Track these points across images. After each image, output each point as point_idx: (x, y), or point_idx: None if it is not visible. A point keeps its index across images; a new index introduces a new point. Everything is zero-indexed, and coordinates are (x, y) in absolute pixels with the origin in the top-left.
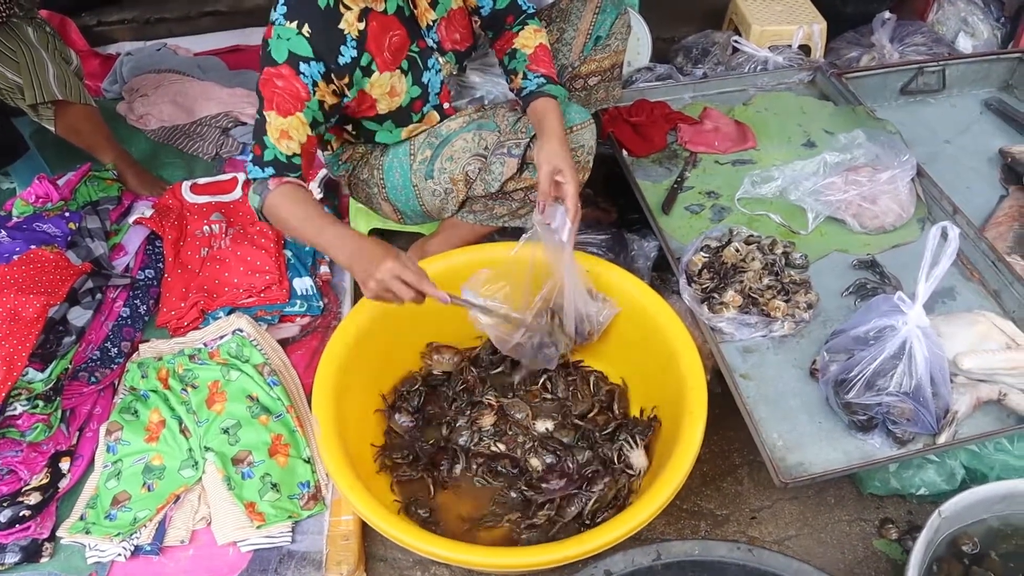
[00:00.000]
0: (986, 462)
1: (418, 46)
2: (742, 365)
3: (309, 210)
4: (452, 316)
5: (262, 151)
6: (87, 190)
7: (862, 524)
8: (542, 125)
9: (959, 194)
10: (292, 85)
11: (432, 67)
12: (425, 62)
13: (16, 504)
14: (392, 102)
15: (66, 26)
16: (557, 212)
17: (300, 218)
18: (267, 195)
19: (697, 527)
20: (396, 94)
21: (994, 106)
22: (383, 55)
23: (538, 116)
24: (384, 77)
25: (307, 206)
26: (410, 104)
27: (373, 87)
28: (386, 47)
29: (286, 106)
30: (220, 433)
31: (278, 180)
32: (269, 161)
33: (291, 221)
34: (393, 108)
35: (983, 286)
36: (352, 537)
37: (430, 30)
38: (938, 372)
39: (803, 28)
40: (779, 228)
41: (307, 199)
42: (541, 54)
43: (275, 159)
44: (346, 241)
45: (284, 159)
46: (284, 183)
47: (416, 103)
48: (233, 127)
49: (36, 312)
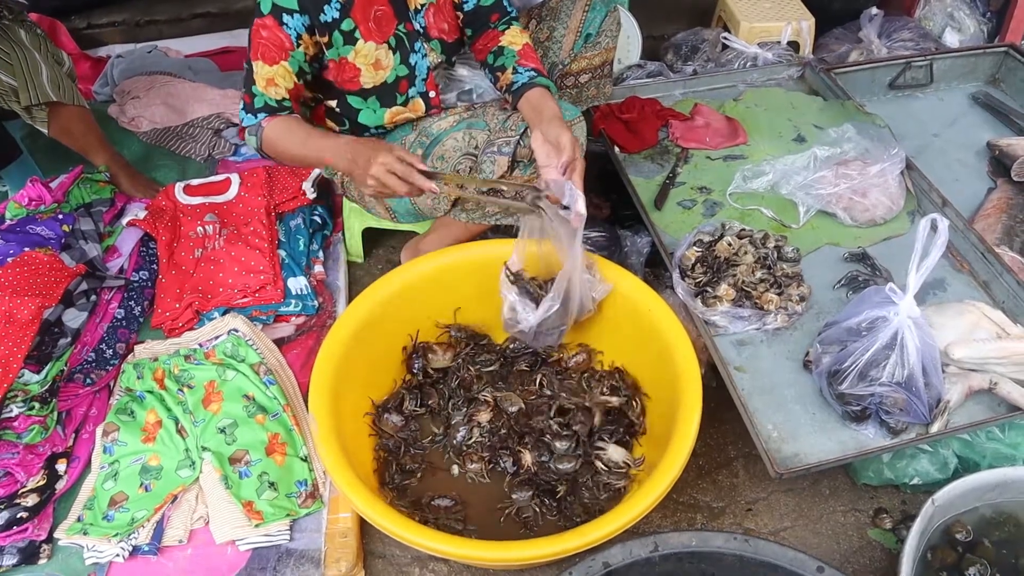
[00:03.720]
0: (978, 451)
1: (405, 28)
2: (736, 358)
3: (303, 134)
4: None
5: (251, 99)
6: (80, 192)
7: (857, 514)
8: (540, 110)
9: (948, 187)
10: (276, 35)
11: (419, 51)
12: (412, 44)
13: (13, 506)
14: (377, 75)
15: (56, 29)
16: (565, 188)
17: (298, 144)
18: (261, 132)
19: (693, 519)
20: (381, 67)
21: (981, 100)
22: (368, 24)
23: (533, 104)
24: (369, 47)
25: (301, 131)
26: (396, 82)
27: (357, 55)
28: (371, 17)
29: (271, 55)
30: (217, 433)
31: (269, 118)
32: (259, 107)
33: (291, 149)
34: (378, 83)
35: (973, 277)
36: (350, 534)
37: (418, 14)
38: (930, 362)
39: (791, 24)
40: (771, 222)
41: (299, 125)
42: (529, 51)
43: (265, 104)
44: (342, 149)
45: (274, 103)
46: (274, 118)
47: (402, 83)
48: (225, 128)
49: (31, 314)
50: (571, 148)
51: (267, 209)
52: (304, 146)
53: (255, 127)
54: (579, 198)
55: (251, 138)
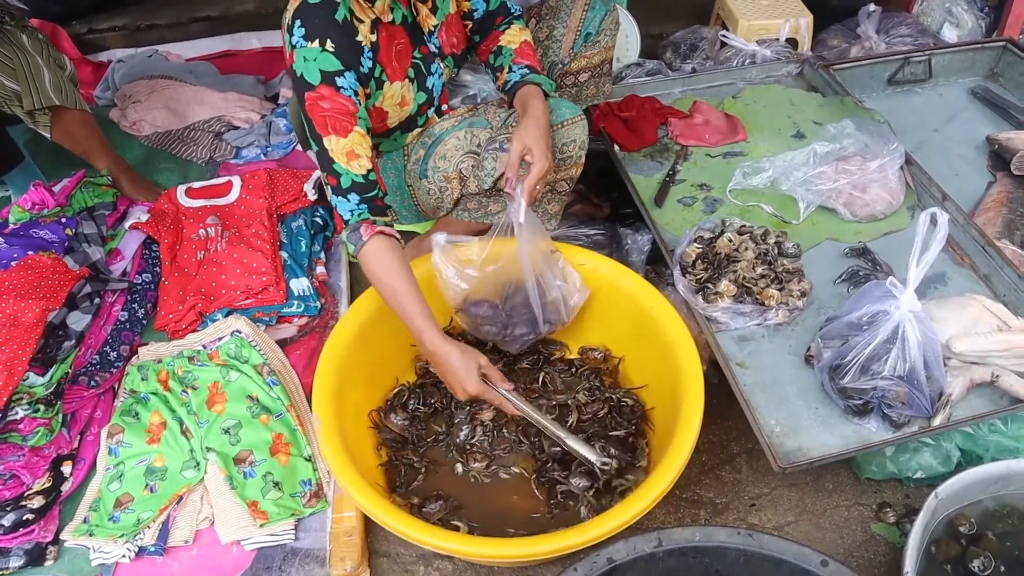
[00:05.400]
0: (981, 444)
1: (420, 52)
2: (738, 354)
3: (394, 290)
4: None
5: (337, 180)
6: (83, 196)
7: (860, 508)
8: (524, 109)
9: (948, 181)
10: (338, 103)
11: (435, 72)
12: (428, 67)
13: (19, 508)
14: (402, 112)
15: (57, 34)
16: (516, 190)
17: (388, 295)
18: (361, 246)
19: (697, 516)
20: (406, 103)
21: (980, 94)
22: (392, 64)
23: (522, 102)
24: (395, 87)
25: (397, 277)
26: (417, 111)
27: (385, 99)
28: (393, 56)
29: (342, 126)
30: (221, 433)
31: (370, 228)
32: (348, 188)
33: (381, 292)
34: (403, 118)
35: (974, 271)
36: (355, 533)
37: (431, 35)
38: (931, 355)
39: (790, 22)
40: (771, 218)
41: (394, 266)
42: (526, 48)
43: (353, 183)
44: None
45: (362, 179)
46: (375, 234)
47: (422, 108)
48: (226, 131)
49: (35, 317)
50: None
51: (269, 211)
52: (394, 300)
53: (355, 235)
54: (519, 206)
55: (349, 244)
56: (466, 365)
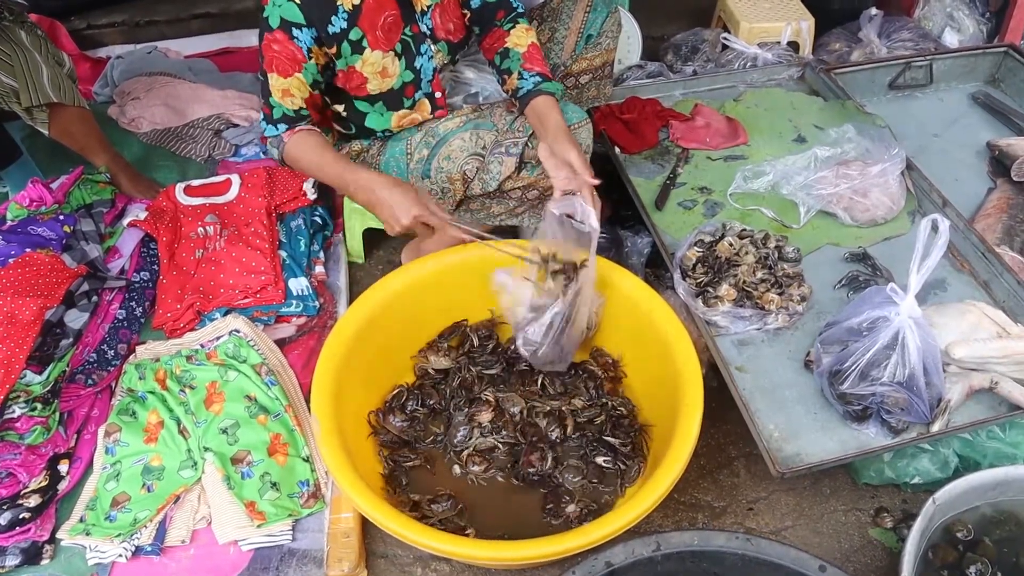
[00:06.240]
0: (979, 450)
1: (411, 30)
2: (737, 358)
3: (317, 157)
4: (448, 318)
5: (270, 110)
6: (80, 193)
7: (858, 513)
8: (544, 123)
9: (948, 187)
10: (287, 49)
11: (424, 53)
12: (418, 47)
13: (16, 507)
14: (383, 83)
15: (56, 30)
16: (575, 203)
17: (314, 167)
18: (283, 147)
19: (695, 519)
20: (388, 75)
21: (981, 100)
22: (375, 33)
23: (538, 114)
24: (376, 55)
25: (315, 155)
26: (402, 88)
27: (364, 64)
28: (379, 25)
29: (284, 68)
30: (219, 433)
31: (290, 132)
32: (279, 118)
33: (309, 170)
34: (384, 89)
35: (973, 277)
36: (352, 534)
37: (424, 15)
38: (931, 362)
39: (791, 25)
40: (771, 222)
41: (315, 148)
42: (534, 52)
43: (283, 115)
44: (362, 184)
45: (292, 113)
46: (295, 132)
47: (408, 88)
48: (225, 129)
49: (33, 315)
50: (581, 167)
51: (268, 210)
52: (320, 171)
53: (276, 140)
54: (591, 213)
55: (273, 150)
56: (400, 192)
